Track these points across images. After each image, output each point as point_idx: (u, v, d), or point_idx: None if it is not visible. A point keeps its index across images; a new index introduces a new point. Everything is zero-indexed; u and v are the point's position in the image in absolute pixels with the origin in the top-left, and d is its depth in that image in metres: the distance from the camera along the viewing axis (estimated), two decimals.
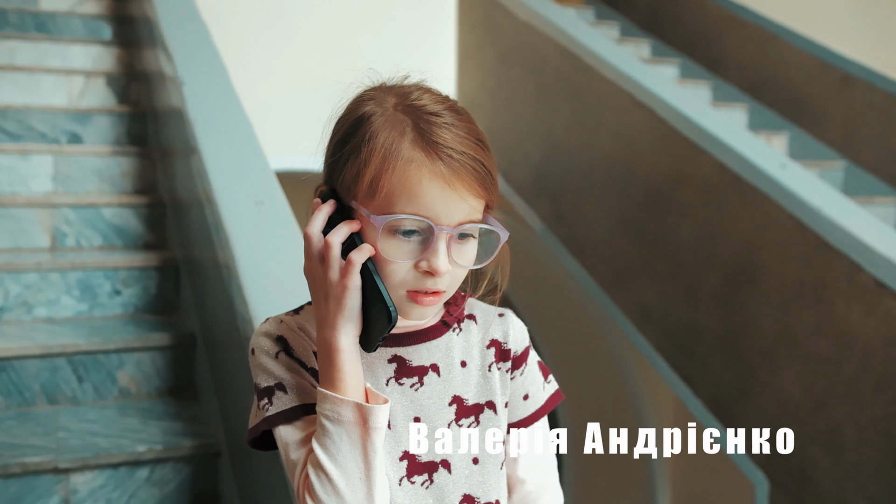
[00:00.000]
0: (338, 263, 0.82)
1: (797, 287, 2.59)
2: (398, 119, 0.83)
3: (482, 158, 0.83)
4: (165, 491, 1.94)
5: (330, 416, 0.81)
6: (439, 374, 0.91)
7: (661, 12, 5.43)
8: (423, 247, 0.82)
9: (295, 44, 4.43)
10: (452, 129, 0.83)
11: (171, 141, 2.70)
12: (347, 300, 0.82)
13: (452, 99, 0.88)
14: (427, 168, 0.80)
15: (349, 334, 0.83)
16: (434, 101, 0.85)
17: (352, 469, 0.81)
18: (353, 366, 0.83)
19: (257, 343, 0.89)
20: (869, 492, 2.35)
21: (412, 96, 0.85)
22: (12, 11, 3.63)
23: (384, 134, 0.82)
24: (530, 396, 0.97)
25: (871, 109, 4.16)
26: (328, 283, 0.83)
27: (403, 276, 0.82)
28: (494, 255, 0.87)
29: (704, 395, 2.97)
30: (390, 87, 0.88)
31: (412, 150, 0.81)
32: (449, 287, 0.85)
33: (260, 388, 0.88)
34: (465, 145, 0.82)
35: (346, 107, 0.88)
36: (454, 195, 0.81)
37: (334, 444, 0.81)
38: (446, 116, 0.83)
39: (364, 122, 0.84)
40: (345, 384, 0.82)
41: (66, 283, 2.40)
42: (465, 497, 0.90)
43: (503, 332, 0.96)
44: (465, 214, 0.82)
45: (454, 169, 0.81)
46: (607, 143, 3.51)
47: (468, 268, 0.86)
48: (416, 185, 0.80)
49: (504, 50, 4.34)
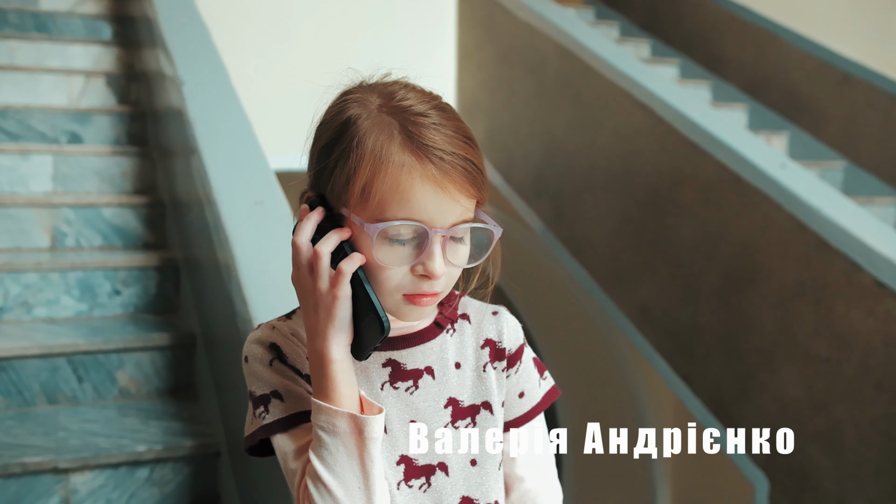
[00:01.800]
0: (327, 273, 0.81)
1: (797, 287, 2.59)
2: (385, 121, 0.81)
3: (471, 157, 0.82)
4: (165, 491, 1.94)
5: (325, 427, 0.80)
6: (434, 377, 0.90)
7: (661, 12, 5.43)
8: (418, 250, 0.81)
9: (295, 44, 4.43)
10: (440, 130, 0.81)
11: (171, 141, 2.70)
12: (338, 310, 0.81)
13: (437, 95, 0.86)
14: (418, 172, 0.79)
15: (341, 344, 0.82)
16: (419, 101, 0.83)
17: (350, 479, 0.80)
18: (346, 375, 0.82)
19: (250, 351, 0.88)
20: (869, 492, 2.35)
21: (397, 96, 0.83)
22: (12, 11, 3.63)
23: (372, 138, 0.80)
24: (526, 394, 0.96)
25: (871, 109, 4.16)
26: (318, 294, 0.81)
27: (399, 280, 0.82)
28: (489, 253, 0.86)
29: (704, 395, 2.97)
30: (373, 87, 0.86)
31: (402, 153, 0.80)
32: (445, 287, 0.84)
33: (255, 395, 0.87)
34: (454, 145, 0.81)
35: (329, 110, 0.87)
36: (446, 197, 0.80)
37: (331, 455, 0.80)
38: (433, 116, 0.82)
39: (350, 125, 0.82)
40: (338, 394, 0.81)
41: (66, 283, 2.40)
42: (464, 499, 0.90)
43: (497, 331, 0.95)
44: (458, 215, 0.81)
45: (445, 171, 0.80)
46: (607, 144, 3.51)
47: (463, 267, 0.85)
48: (408, 189, 0.79)
49: (504, 50, 4.34)
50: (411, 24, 4.70)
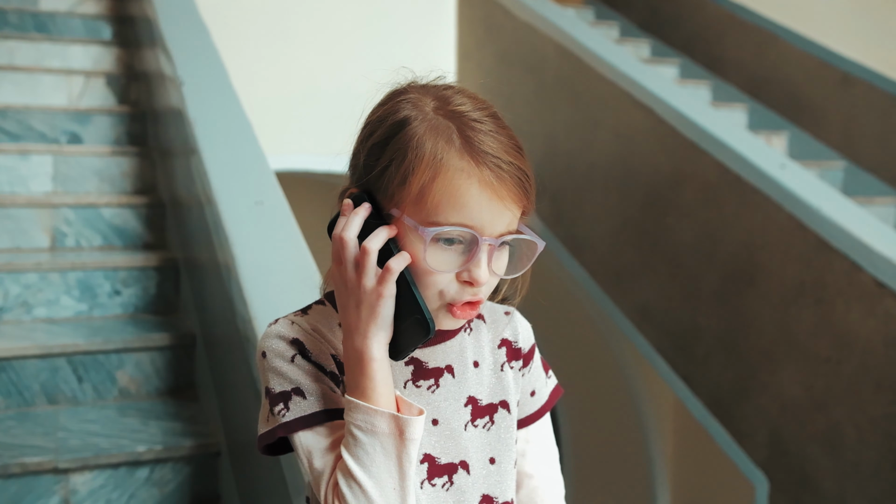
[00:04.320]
0: (374, 271, 0.80)
1: (797, 287, 2.59)
2: (442, 125, 0.81)
3: (524, 167, 0.82)
4: (165, 491, 1.94)
5: (363, 426, 0.79)
6: (454, 376, 0.90)
7: (661, 12, 5.43)
8: (466, 257, 0.80)
9: (295, 44, 4.43)
10: (497, 137, 0.81)
11: (171, 141, 2.70)
12: (382, 308, 0.80)
13: (489, 103, 0.85)
14: (476, 177, 0.79)
15: (381, 343, 0.81)
16: (474, 108, 0.83)
17: (385, 480, 0.79)
18: (385, 375, 0.81)
19: (270, 346, 0.85)
20: (869, 492, 2.35)
21: (453, 101, 0.83)
22: (12, 11, 3.63)
23: (431, 141, 0.80)
24: (537, 393, 0.98)
25: (871, 109, 4.16)
26: (362, 290, 0.80)
27: (444, 286, 0.81)
28: (530, 265, 0.85)
29: (704, 395, 2.97)
30: (426, 88, 0.85)
31: (461, 158, 0.79)
32: (485, 296, 0.84)
33: (274, 392, 0.84)
34: (509, 154, 0.81)
35: (380, 108, 0.85)
36: (500, 204, 0.80)
37: (367, 455, 0.79)
38: (488, 123, 0.82)
39: (406, 125, 0.81)
40: (377, 394, 0.80)
41: (66, 283, 2.40)
42: (484, 497, 0.90)
43: (513, 331, 0.96)
44: (507, 224, 0.82)
45: (502, 178, 0.80)
46: (607, 144, 3.51)
47: (504, 277, 0.84)
48: (465, 194, 0.79)
49: (504, 50, 4.34)
50: (411, 24, 4.70)
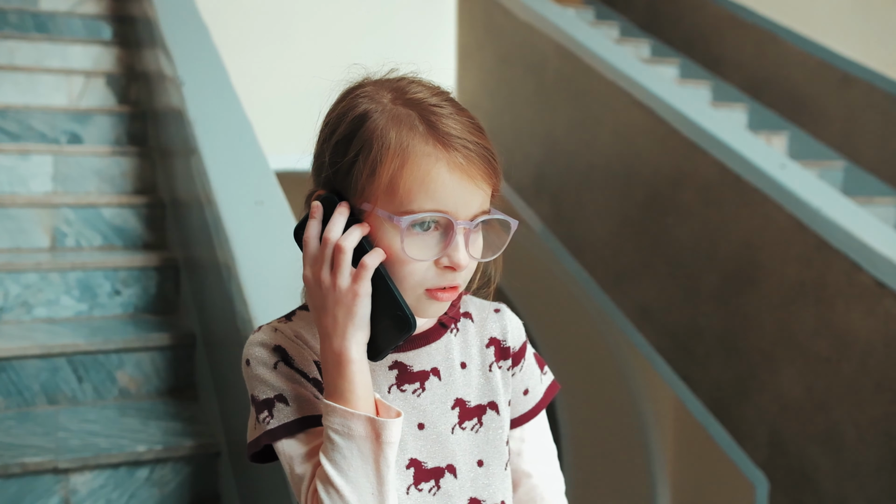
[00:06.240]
0: (348, 270, 0.79)
1: (797, 287, 2.59)
2: (403, 113, 0.80)
3: (488, 145, 0.82)
4: (165, 491, 1.94)
5: (340, 430, 0.78)
6: (440, 378, 0.89)
7: (661, 12, 5.43)
8: (444, 243, 0.80)
9: (295, 44, 4.43)
10: (457, 119, 0.81)
11: (171, 141, 2.70)
12: (358, 308, 0.78)
13: (444, 88, 0.85)
14: (445, 160, 0.78)
15: (360, 343, 0.79)
16: (430, 94, 0.83)
17: (363, 484, 0.78)
18: (364, 377, 0.80)
19: (252, 353, 0.85)
20: (869, 492, 2.35)
21: (409, 90, 0.83)
22: (12, 11, 3.63)
23: (394, 130, 0.79)
24: (530, 391, 0.96)
25: (871, 109, 4.16)
26: (337, 291, 0.79)
27: (423, 274, 0.80)
28: (506, 244, 0.84)
29: (704, 395, 2.97)
30: (380, 82, 0.85)
31: (426, 144, 0.79)
32: (464, 281, 0.83)
33: (258, 400, 0.84)
34: (473, 134, 0.81)
35: (337, 106, 0.85)
36: (471, 184, 0.79)
37: (344, 458, 0.78)
38: (447, 107, 0.82)
39: (366, 119, 0.80)
40: (355, 396, 0.78)
41: (66, 283, 2.40)
42: (472, 501, 0.89)
43: (501, 330, 0.94)
44: (479, 205, 0.81)
45: (470, 159, 0.79)
46: (607, 144, 3.51)
47: (480, 260, 0.84)
48: (435, 178, 0.78)
49: (504, 50, 4.34)
50: (411, 24, 4.70)
